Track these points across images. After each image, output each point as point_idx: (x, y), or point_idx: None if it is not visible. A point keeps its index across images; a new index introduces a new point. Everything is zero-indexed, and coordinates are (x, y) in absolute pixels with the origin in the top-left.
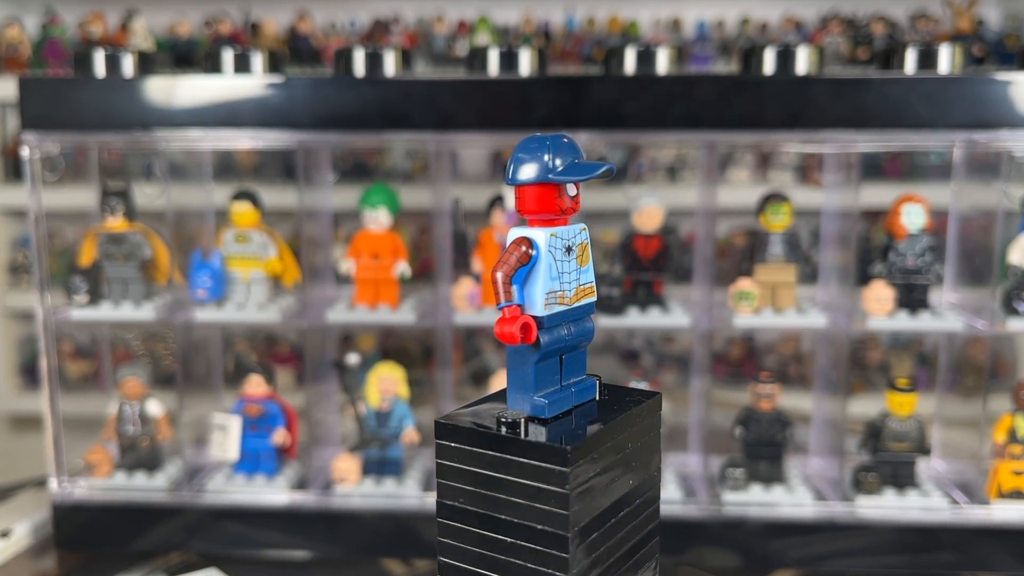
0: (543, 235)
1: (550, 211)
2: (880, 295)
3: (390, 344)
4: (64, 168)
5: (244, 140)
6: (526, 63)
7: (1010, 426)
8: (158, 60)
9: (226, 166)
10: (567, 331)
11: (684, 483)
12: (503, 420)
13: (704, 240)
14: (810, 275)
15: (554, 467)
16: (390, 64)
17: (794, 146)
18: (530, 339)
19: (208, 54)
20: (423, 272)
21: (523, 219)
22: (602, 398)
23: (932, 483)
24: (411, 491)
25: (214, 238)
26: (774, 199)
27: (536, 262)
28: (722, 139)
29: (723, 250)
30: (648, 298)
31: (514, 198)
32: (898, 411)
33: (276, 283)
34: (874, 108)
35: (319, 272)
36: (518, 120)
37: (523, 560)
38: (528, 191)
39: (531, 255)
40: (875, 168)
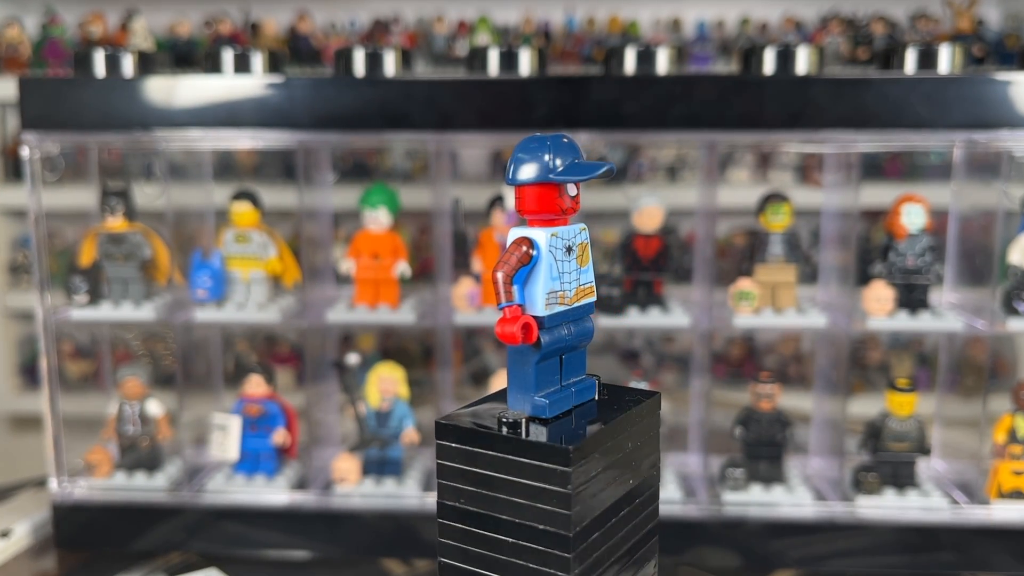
0: (544, 235)
1: (550, 211)
2: (880, 295)
3: (390, 344)
4: (64, 168)
5: (244, 140)
6: (526, 63)
7: (1010, 426)
8: (158, 60)
9: (226, 166)
10: (567, 331)
11: (684, 483)
12: (504, 420)
13: (704, 240)
14: (810, 275)
15: (556, 467)
16: (390, 64)
17: (794, 146)
18: (531, 339)
19: (208, 54)
20: (423, 272)
21: (523, 219)
22: (601, 398)
23: (932, 483)
24: (411, 491)
25: (214, 238)
26: (774, 199)
27: (537, 262)
28: (722, 139)
29: (723, 250)
30: (648, 298)
31: (514, 198)
32: (898, 411)
33: (276, 283)
34: (874, 108)
35: (319, 272)
36: (518, 120)
37: (524, 560)
38: (528, 191)
39: (532, 255)
40: (875, 168)
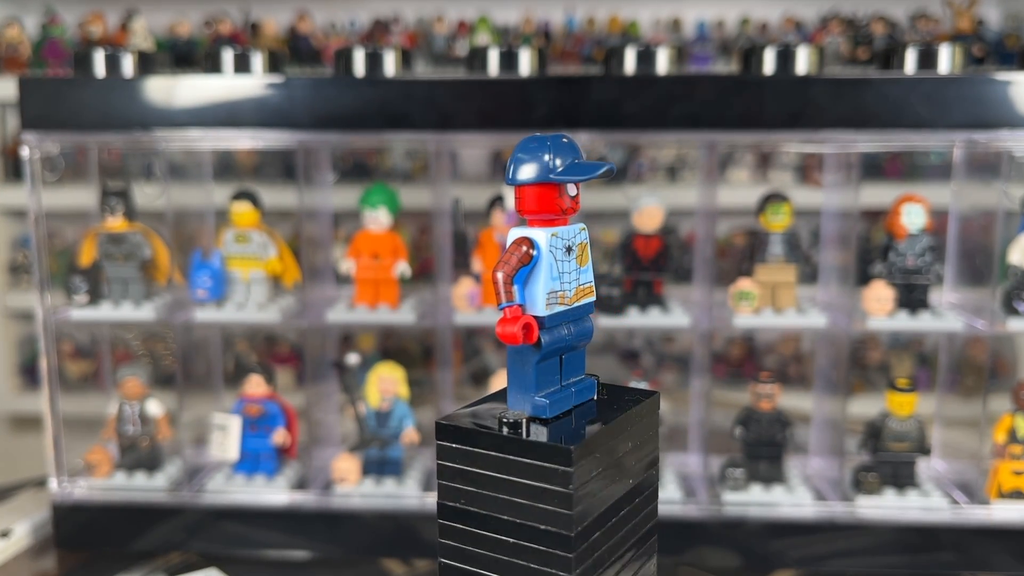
0: (544, 235)
1: (550, 211)
2: (880, 295)
3: (390, 344)
4: (64, 168)
5: (244, 140)
6: (526, 63)
7: (1010, 426)
8: (158, 60)
9: (226, 166)
10: (567, 331)
11: (684, 483)
12: (504, 420)
13: (704, 240)
14: (810, 275)
15: (557, 467)
16: (390, 64)
17: (794, 146)
18: (532, 339)
19: (208, 54)
20: (423, 272)
21: (523, 219)
22: (601, 397)
23: (932, 483)
24: (411, 491)
25: (214, 238)
26: (774, 199)
27: (537, 262)
28: (722, 139)
29: (723, 250)
30: (648, 298)
31: (514, 198)
32: (898, 411)
33: (276, 283)
34: (874, 108)
35: (319, 272)
36: (518, 120)
37: (525, 560)
38: (528, 191)
39: (532, 255)
40: (875, 168)
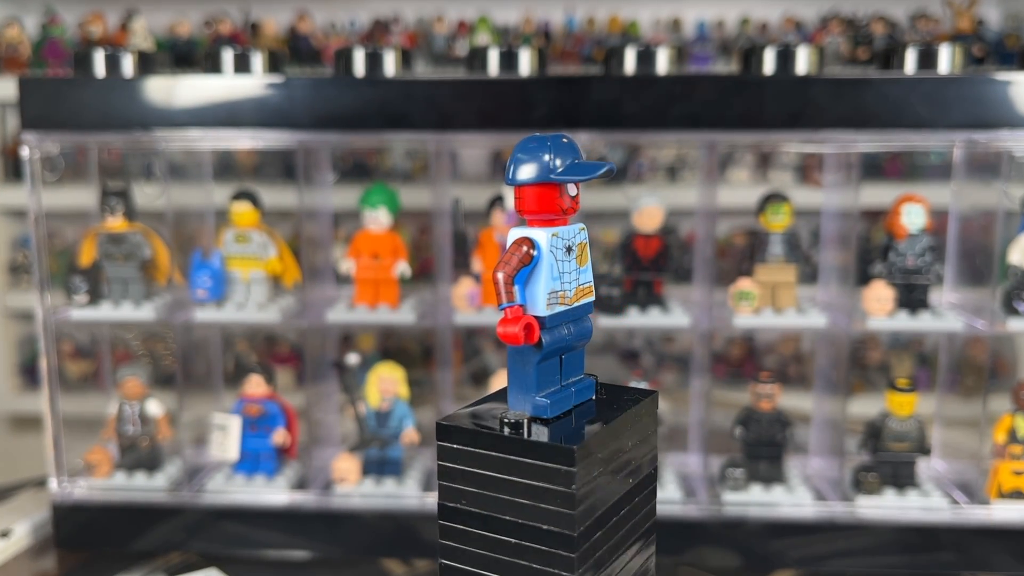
0: (544, 235)
1: (551, 211)
2: (880, 295)
3: (390, 344)
4: (64, 168)
5: (244, 140)
6: (526, 63)
7: (1010, 426)
8: (158, 60)
9: (226, 166)
10: (567, 331)
11: (684, 483)
12: (506, 421)
13: (704, 240)
14: (810, 275)
15: (560, 467)
16: (390, 64)
17: (794, 146)
18: (533, 339)
19: (208, 54)
20: (423, 272)
21: (523, 219)
22: (600, 397)
23: (932, 483)
24: (411, 491)
25: (214, 238)
26: (774, 199)
27: (538, 262)
28: (722, 139)
29: (723, 250)
30: (648, 298)
31: (514, 198)
32: (898, 411)
33: (276, 283)
34: (874, 108)
35: (319, 272)
36: (518, 120)
37: (528, 561)
38: (528, 191)
39: (533, 255)
40: (875, 168)
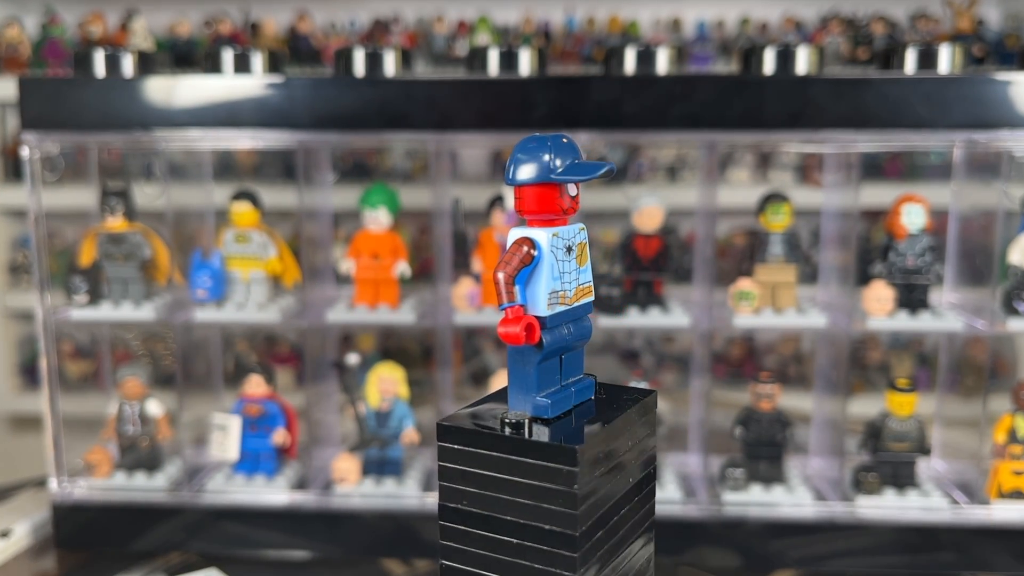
0: (545, 235)
1: (551, 211)
2: (880, 295)
3: (390, 344)
4: (64, 168)
5: (244, 140)
6: (526, 63)
7: (1010, 426)
8: (158, 60)
9: (226, 166)
10: (568, 331)
11: (684, 483)
12: (507, 421)
13: (704, 240)
14: (810, 275)
15: (562, 467)
16: (390, 64)
17: (794, 146)
18: (534, 339)
19: (208, 54)
20: (423, 272)
21: (523, 219)
22: (599, 397)
23: (932, 483)
24: (411, 491)
25: (214, 238)
26: (774, 199)
27: (539, 262)
28: (722, 139)
29: (723, 250)
30: (648, 298)
31: (514, 198)
32: (898, 411)
33: (276, 283)
34: (874, 108)
35: (319, 272)
36: (518, 120)
37: (529, 561)
38: (528, 191)
39: (533, 255)
40: (875, 168)
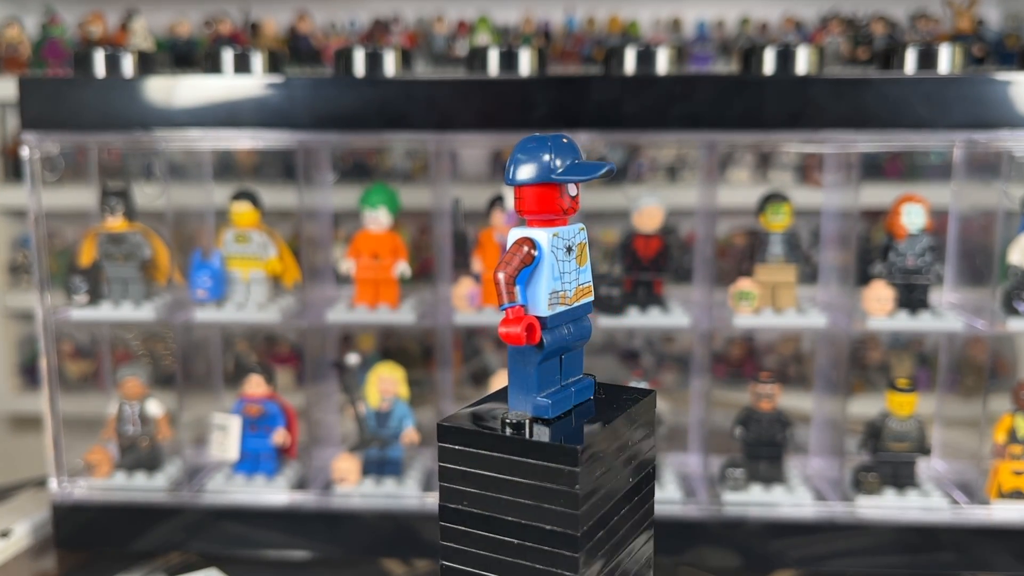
0: (545, 235)
1: (551, 211)
2: (880, 295)
3: (390, 344)
4: (64, 168)
5: (244, 140)
6: (526, 63)
7: (1010, 426)
8: (158, 60)
9: (226, 166)
10: (568, 331)
11: (684, 483)
12: (508, 421)
13: (704, 240)
14: (810, 275)
15: (563, 467)
16: (390, 64)
17: (794, 146)
18: (535, 339)
19: (208, 54)
20: (423, 272)
21: (523, 219)
22: (599, 397)
23: (932, 483)
24: (411, 491)
25: (214, 238)
26: (774, 199)
27: (539, 262)
28: (722, 139)
29: (723, 250)
30: (648, 298)
31: (514, 198)
32: (898, 411)
33: (276, 283)
34: (874, 108)
35: (319, 272)
36: (518, 120)
37: (531, 561)
38: (528, 191)
39: (534, 256)
40: (875, 168)
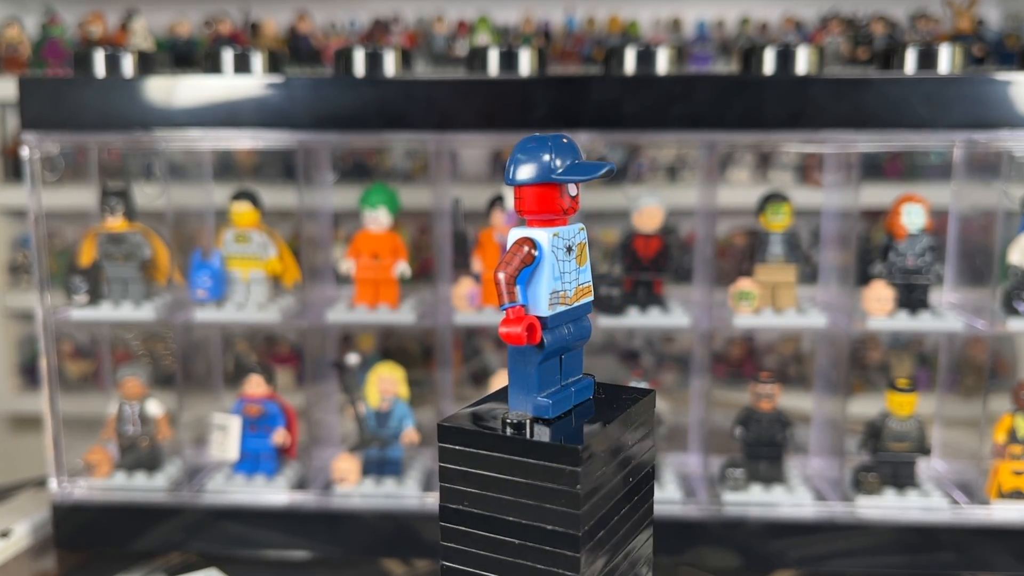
0: (546, 235)
1: (551, 211)
2: (880, 295)
3: (390, 344)
4: (64, 168)
5: (244, 140)
6: (526, 63)
7: (1010, 426)
8: (158, 60)
9: (226, 166)
10: (568, 330)
11: (684, 483)
12: (508, 422)
13: (704, 240)
14: (810, 275)
15: (564, 467)
16: (390, 64)
17: (794, 146)
18: (535, 339)
19: (208, 54)
20: (423, 272)
21: (523, 219)
22: (599, 397)
23: (932, 483)
24: (411, 491)
25: (214, 238)
26: (774, 199)
27: (539, 262)
28: (722, 139)
29: (723, 250)
30: (648, 298)
31: (514, 198)
32: (898, 411)
33: (276, 283)
34: (874, 108)
35: (319, 272)
36: (518, 120)
37: (531, 561)
38: (529, 191)
39: (534, 256)
40: (875, 168)
